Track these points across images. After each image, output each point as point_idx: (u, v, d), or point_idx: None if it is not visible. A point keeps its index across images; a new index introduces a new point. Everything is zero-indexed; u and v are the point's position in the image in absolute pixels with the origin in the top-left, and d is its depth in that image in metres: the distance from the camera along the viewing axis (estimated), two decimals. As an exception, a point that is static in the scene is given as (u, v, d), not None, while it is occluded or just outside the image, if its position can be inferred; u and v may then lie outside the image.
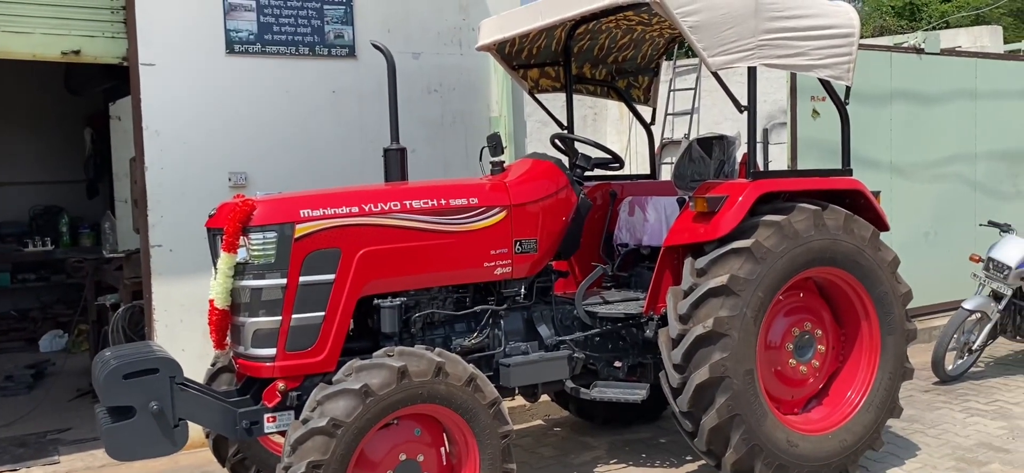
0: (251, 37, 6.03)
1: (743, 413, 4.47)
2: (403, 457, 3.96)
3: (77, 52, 5.69)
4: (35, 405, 7.10)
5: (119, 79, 6.79)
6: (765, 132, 9.51)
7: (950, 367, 7.09)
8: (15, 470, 5.68)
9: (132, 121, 5.84)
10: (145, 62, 5.73)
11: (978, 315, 7.03)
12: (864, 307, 5.00)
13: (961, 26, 19.07)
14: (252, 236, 4.00)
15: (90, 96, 9.39)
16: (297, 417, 3.85)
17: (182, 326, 5.80)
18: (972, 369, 7.29)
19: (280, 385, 4.00)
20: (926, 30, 16.44)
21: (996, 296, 7.06)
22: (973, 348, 7.11)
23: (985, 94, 9.29)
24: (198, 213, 4.59)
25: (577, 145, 5.26)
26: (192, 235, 5.26)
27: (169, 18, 5.78)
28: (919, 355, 6.79)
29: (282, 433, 4.02)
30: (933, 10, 24.97)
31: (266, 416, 4.04)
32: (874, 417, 4.98)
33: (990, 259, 7.12)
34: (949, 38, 12.30)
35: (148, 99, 5.74)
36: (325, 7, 6.27)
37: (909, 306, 5.12)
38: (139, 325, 6.24)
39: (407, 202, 4.34)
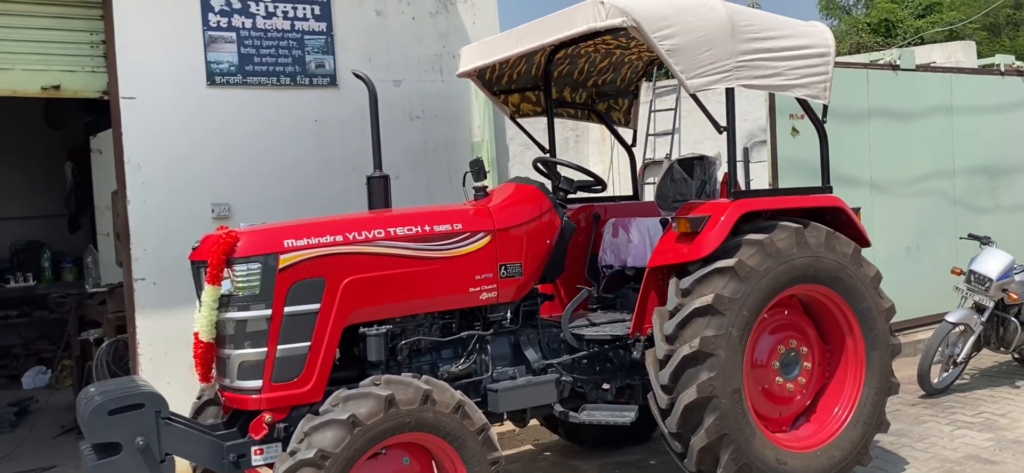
0: (232, 68, 6.04)
1: (732, 432, 4.48)
2: (392, 486, 3.94)
3: (57, 87, 5.68)
4: (19, 443, 7.02)
5: (100, 112, 6.77)
6: (746, 151, 9.60)
7: (936, 380, 7.13)
8: (-2, 510, 5.61)
9: (114, 154, 5.83)
10: (126, 95, 5.72)
11: (961, 327, 7.08)
12: (848, 323, 5.03)
13: (936, 41, 19.33)
14: (236, 268, 3.99)
15: (71, 130, 9.34)
16: (285, 449, 3.82)
17: (167, 359, 5.76)
18: (957, 381, 7.33)
19: (267, 417, 3.97)
20: (901, 46, 16.65)
21: (978, 308, 7.12)
22: (958, 360, 7.16)
23: (961, 109, 9.41)
24: (182, 245, 4.57)
25: (560, 168, 5.29)
26: (176, 268, 5.24)
27: (149, 51, 5.78)
28: (905, 369, 6.83)
29: (270, 466, 3.98)
30: (908, 26, 25.32)
31: (253, 449, 4.01)
32: (862, 432, 5.00)
33: (971, 272, 7.19)
34: (924, 54, 12.48)
35: (129, 132, 5.73)
36: (306, 37, 6.29)
37: (893, 320, 5.15)
38: (123, 359, 6.20)
39: (391, 229, 4.34)
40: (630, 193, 6.38)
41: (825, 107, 5.17)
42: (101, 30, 5.77)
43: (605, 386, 5.01)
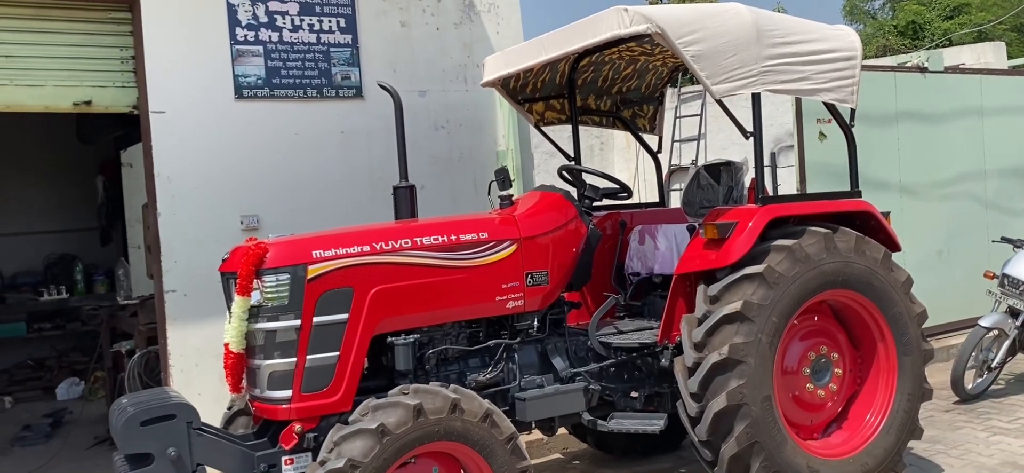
0: (259, 82, 6.10)
1: (762, 440, 4.44)
2: (422, 495, 3.95)
3: (88, 102, 5.77)
4: (53, 454, 7.12)
5: (130, 126, 6.86)
6: (773, 156, 9.53)
7: (970, 386, 7.02)
8: (34, 521, 5.68)
9: (144, 168, 5.90)
10: (155, 109, 5.79)
11: (995, 332, 6.98)
12: (879, 329, 4.97)
13: (964, 43, 19.10)
14: (265, 279, 4.02)
15: (102, 144, 9.49)
16: (314, 458, 3.84)
17: (198, 370, 5.81)
18: (992, 387, 7.21)
19: (297, 427, 4.00)
20: (929, 49, 16.47)
21: (1013, 312, 7.01)
22: (992, 366, 7.05)
23: (991, 110, 9.29)
24: (211, 257, 4.62)
25: (585, 176, 5.29)
26: (206, 279, 5.29)
27: (178, 66, 5.85)
28: (938, 375, 6.74)
29: (300, 475, 4.01)
30: (936, 28, 25.04)
31: (284, 459, 4.03)
32: (895, 439, 4.93)
33: (1005, 275, 7.08)
34: (952, 56, 12.34)
35: (159, 146, 5.80)
36: (331, 50, 6.34)
37: (925, 325, 5.09)
38: (155, 371, 6.26)
39: (418, 239, 4.36)
40: (656, 200, 6.35)
41: (852, 111, 5.13)
42: (131, 46, 5.85)
43: (633, 394, 4.99)
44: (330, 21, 6.35)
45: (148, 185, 5.86)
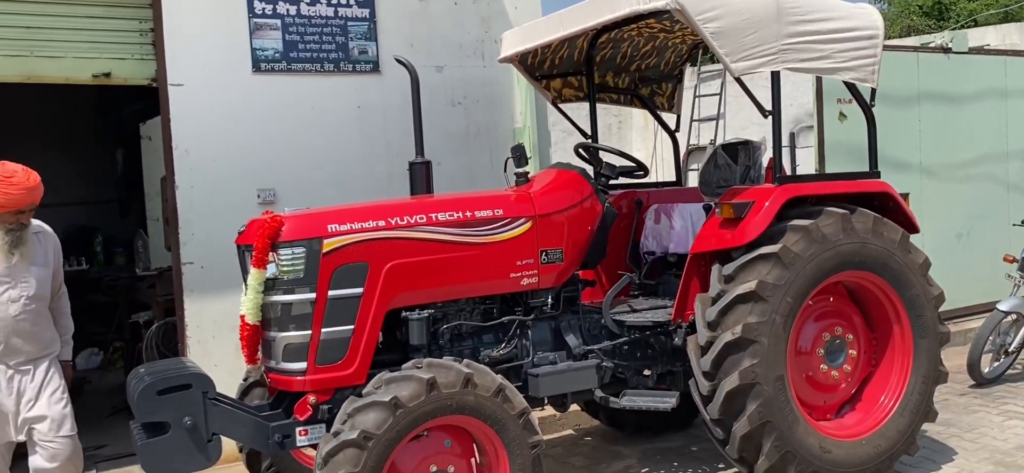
0: (277, 55, 6.11)
1: (774, 420, 4.44)
2: (434, 468, 3.98)
3: (107, 74, 5.80)
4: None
5: (149, 99, 6.90)
6: (792, 136, 9.46)
7: (986, 370, 6.98)
8: (53, 487, 5.76)
9: (162, 141, 5.94)
10: (174, 82, 5.81)
11: (1014, 316, 6.92)
12: (895, 310, 4.94)
13: (989, 24, 18.83)
14: (281, 252, 4.04)
15: (121, 117, 9.54)
16: (328, 430, 3.88)
17: (214, 342, 5.87)
18: (1009, 371, 7.17)
19: (311, 399, 4.03)
20: (953, 29, 16.26)
21: (1031, 297, 6.95)
22: (1009, 350, 7.00)
23: (1016, 92, 9.16)
24: (228, 230, 4.65)
25: (601, 154, 5.27)
26: (223, 252, 5.33)
27: (196, 39, 5.87)
28: (954, 358, 6.70)
29: (314, 446, 4.05)
30: (961, 9, 24.68)
31: (298, 429, 4.07)
32: (908, 422, 4.92)
33: (1025, 259, 7.02)
34: (977, 36, 12.17)
35: (177, 119, 5.83)
36: (349, 24, 6.33)
37: (942, 308, 5.06)
38: (172, 341, 6.33)
39: (433, 215, 4.36)
40: (673, 179, 6.33)
41: (873, 91, 5.07)
42: (150, 18, 5.87)
43: (646, 372, 4.99)
44: (348, -5, 6.34)
45: (166, 158, 5.89)
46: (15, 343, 4.28)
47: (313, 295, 4.07)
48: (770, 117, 4.73)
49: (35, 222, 4.48)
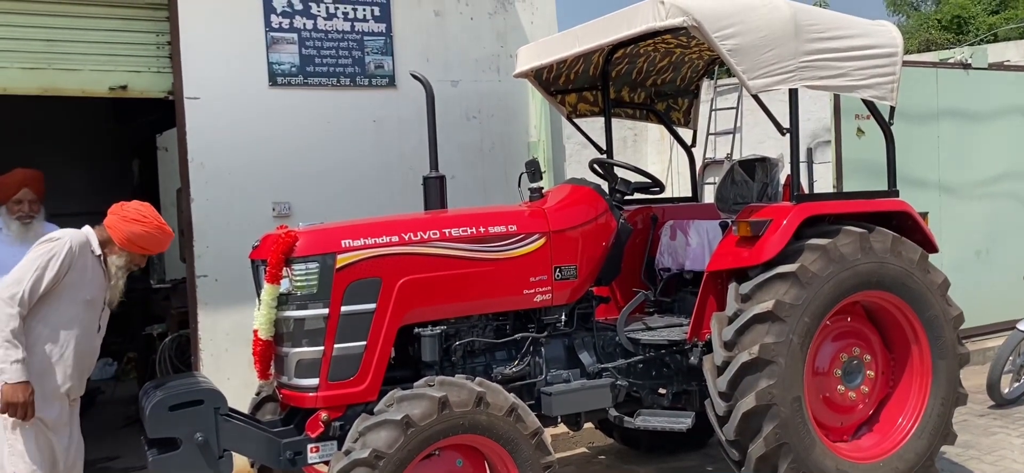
0: (293, 69, 6.12)
1: (791, 441, 4.38)
2: (445, 488, 3.95)
3: (124, 87, 5.83)
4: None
5: (166, 110, 6.93)
6: (809, 151, 9.40)
7: (1006, 390, 6.89)
8: (66, 498, 5.76)
9: (177, 153, 5.95)
10: (190, 95, 5.84)
11: (1034, 336, 6.83)
12: (914, 331, 4.88)
13: (1010, 39, 18.67)
14: (295, 267, 4.04)
15: (138, 127, 9.58)
16: (340, 447, 3.85)
17: (228, 356, 5.86)
18: (1029, 392, 7.07)
19: (323, 415, 4.01)
20: (973, 44, 16.13)
21: (1053, 317, 6.86)
22: (1030, 371, 6.91)
23: (1037, 108, 9.07)
24: (243, 243, 4.65)
25: (616, 169, 5.23)
26: (237, 265, 5.32)
27: (213, 52, 5.89)
28: (973, 378, 6.60)
29: (326, 463, 4.02)
30: (981, 23, 24.50)
31: (309, 446, 4.05)
32: (927, 444, 4.84)
33: (1046, 278, 6.93)
34: (997, 52, 12.07)
35: (193, 131, 5.85)
36: (365, 38, 6.35)
37: (961, 328, 4.98)
38: (186, 354, 6.33)
39: (446, 230, 4.34)
40: (689, 194, 6.28)
41: (892, 108, 5.02)
42: (167, 31, 5.90)
43: (661, 391, 4.94)
44: (364, 9, 6.35)
45: (181, 170, 5.91)
46: (84, 378, 4.18)
47: (326, 310, 4.05)
48: (788, 134, 4.69)
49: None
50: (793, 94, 4.66)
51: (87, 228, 4.11)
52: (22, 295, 3.78)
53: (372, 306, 4.12)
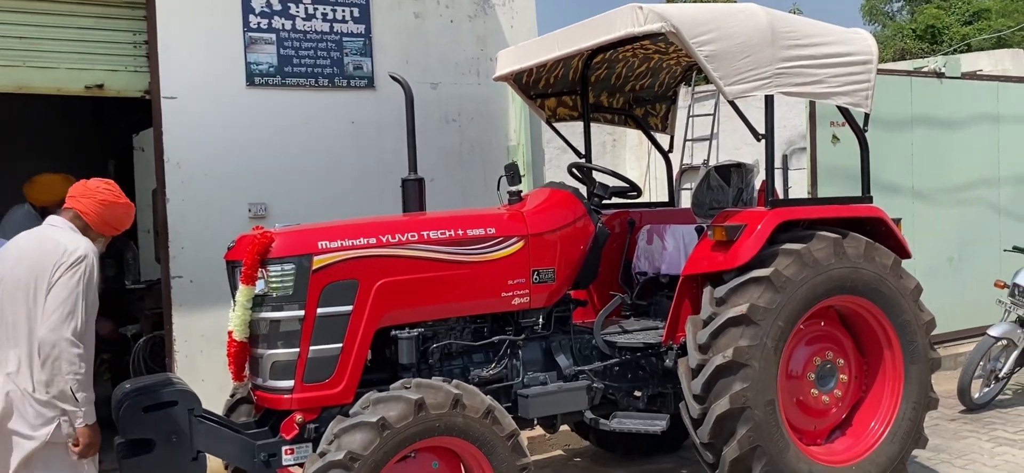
0: (271, 69, 6.10)
1: (764, 444, 4.42)
2: (420, 490, 3.94)
3: (100, 86, 5.78)
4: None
5: (144, 110, 6.88)
6: (784, 158, 9.47)
7: (976, 395, 6.98)
8: (37, 501, 5.68)
9: (153, 153, 5.91)
10: (167, 95, 5.80)
11: (1004, 342, 6.93)
12: (887, 336, 4.94)
13: (982, 49, 18.94)
14: (270, 268, 4.02)
15: (114, 127, 9.49)
16: (315, 450, 3.84)
17: (202, 357, 5.82)
18: (999, 397, 7.17)
19: (298, 417, 3.99)
20: (947, 53, 16.33)
21: (1022, 323, 6.95)
22: (1000, 376, 7.00)
23: (1008, 118, 9.21)
24: (219, 244, 4.62)
25: (595, 174, 5.26)
26: (212, 266, 5.28)
27: (190, 52, 5.85)
28: (945, 383, 6.69)
29: (300, 466, 4.00)
30: (954, 33, 24.83)
31: (284, 448, 4.03)
32: (899, 447, 4.90)
33: (1016, 285, 7.02)
34: (970, 62, 12.21)
35: (169, 131, 5.81)
36: (344, 39, 6.33)
37: (933, 333, 5.05)
38: (160, 355, 6.28)
39: (424, 233, 4.34)
40: (666, 199, 6.32)
41: (866, 115, 5.08)
42: (144, 30, 5.86)
43: (636, 394, 4.97)
44: (343, 10, 6.34)
45: (157, 170, 5.87)
46: None
47: (302, 312, 4.04)
48: (763, 140, 4.73)
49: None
50: (769, 100, 4.71)
51: (66, 221, 3.78)
52: (79, 329, 3.52)
53: (349, 308, 4.11)
